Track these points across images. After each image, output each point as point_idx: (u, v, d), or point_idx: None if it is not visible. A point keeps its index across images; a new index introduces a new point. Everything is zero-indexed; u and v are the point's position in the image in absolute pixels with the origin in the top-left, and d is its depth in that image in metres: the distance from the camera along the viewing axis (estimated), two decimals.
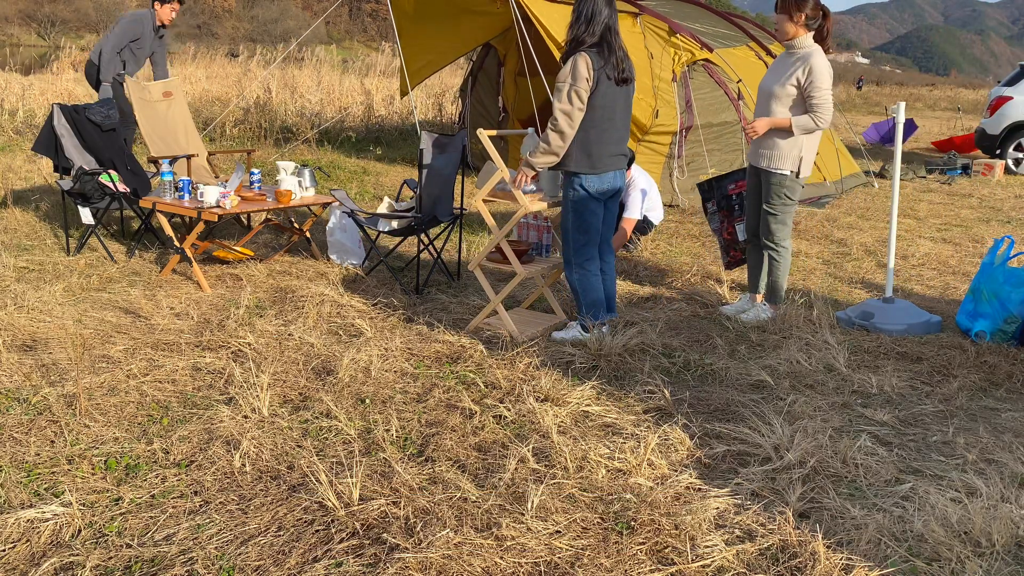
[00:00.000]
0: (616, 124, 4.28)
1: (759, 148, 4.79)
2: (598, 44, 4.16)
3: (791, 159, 4.69)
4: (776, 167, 4.72)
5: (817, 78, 4.54)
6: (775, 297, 5.01)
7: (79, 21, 70.71)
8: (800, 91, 4.61)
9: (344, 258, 5.99)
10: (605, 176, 4.31)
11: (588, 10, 4.16)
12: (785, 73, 4.66)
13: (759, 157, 4.79)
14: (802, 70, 4.58)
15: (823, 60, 4.58)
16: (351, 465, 3.07)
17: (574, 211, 4.35)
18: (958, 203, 9.72)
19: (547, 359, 4.21)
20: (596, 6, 4.15)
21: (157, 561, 2.48)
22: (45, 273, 5.41)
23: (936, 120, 24.03)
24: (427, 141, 5.22)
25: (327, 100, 14.77)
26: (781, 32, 4.69)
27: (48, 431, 3.27)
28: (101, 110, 6.25)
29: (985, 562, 2.56)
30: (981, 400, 3.93)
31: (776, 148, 4.70)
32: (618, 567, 2.51)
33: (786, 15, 4.63)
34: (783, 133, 4.68)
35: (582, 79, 4.11)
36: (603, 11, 4.16)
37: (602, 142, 4.24)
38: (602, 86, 4.17)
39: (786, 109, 4.66)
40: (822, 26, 4.68)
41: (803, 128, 4.61)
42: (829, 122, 4.62)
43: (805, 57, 4.60)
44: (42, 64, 20.82)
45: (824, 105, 4.57)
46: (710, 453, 3.27)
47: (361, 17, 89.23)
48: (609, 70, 4.17)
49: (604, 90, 4.18)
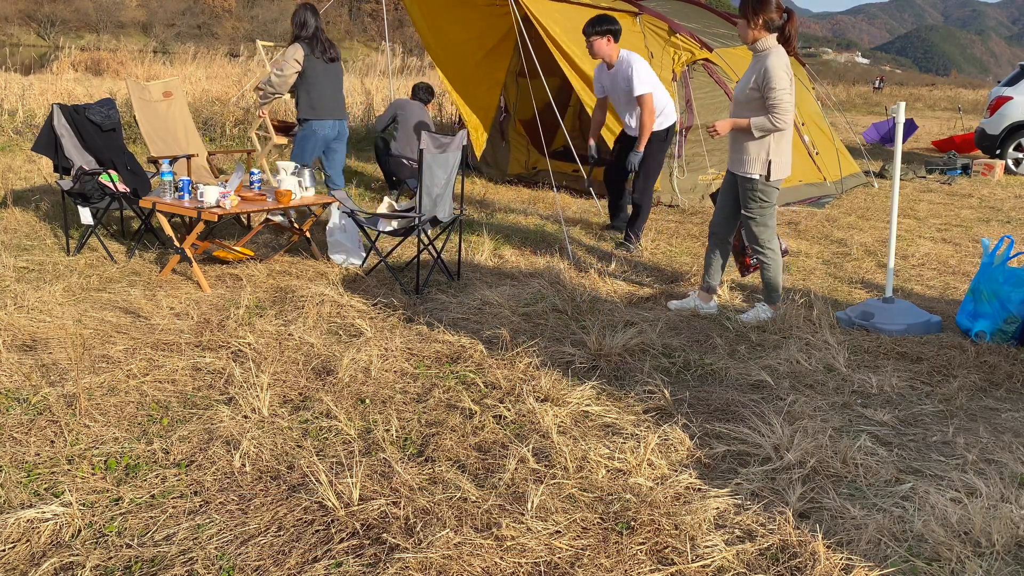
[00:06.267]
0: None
1: (732, 153, 4.82)
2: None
3: (759, 162, 4.68)
4: (746, 171, 4.73)
5: (772, 79, 4.52)
6: (773, 297, 5.02)
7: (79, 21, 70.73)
8: (759, 94, 4.60)
9: (344, 258, 5.99)
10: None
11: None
12: (748, 77, 4.67)
13: (732, 162, 4.83)
14: (759, 72, 4.57)
15: (779, 60, 4.56)
16: (351, 465, 3.07)
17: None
18: (958, 203, 9.72)
19: (547, 359, 4.21)
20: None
21: (157, 561, 2.48)
22: (45, 273, 5.41)
23: (936, 120, 24.03)
24: (427, 141, 5.22)
25: None
26: (742, 36, 4.68)
27: (48, 431, 3.27)
28: (101, 110, 6.25)
29: (985, 562, 2.56)
30: (981, 400, 3.93)
31: (745, 152, 4.71)
32: (618, 567, 2.51)
33: (747, 18, 4.61)
34: (749, 138, 4.68)
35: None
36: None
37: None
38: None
39: (749, 112, 4.66)
40: (786, 28, 4.65)
41: (761, 128, 4.60)
42: (788, 123, 4.60)
43: (764, 59, 4.59)
44: (42, 64, 20.82)
45: (780, 105, 4.54)
46: (710, 453, 3.27)
47: (361, 17, 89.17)
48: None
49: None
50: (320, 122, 6.52)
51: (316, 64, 6.42)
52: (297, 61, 6.35)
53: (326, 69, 6.50)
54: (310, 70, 6.40)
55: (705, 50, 8.71)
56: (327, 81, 6.50)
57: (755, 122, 4.61)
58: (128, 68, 19.17)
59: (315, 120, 6.51)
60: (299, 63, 6.35)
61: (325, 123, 6.54)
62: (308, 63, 6.39)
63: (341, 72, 6.69)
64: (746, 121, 4.64)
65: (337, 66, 6.62)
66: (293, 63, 6.35)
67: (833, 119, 17.11)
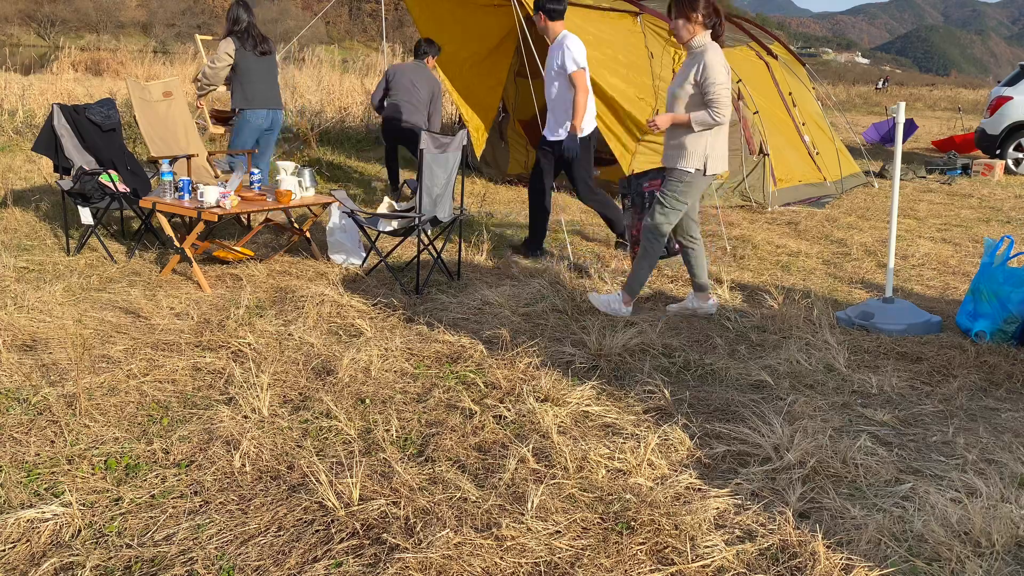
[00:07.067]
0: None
1: (668, 149, 4.80)
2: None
3: (697, 156, 4.68)
4: (683, 165, 4.71)
5: (711, 73, 4.52)
6: (632, 289, 4.93)
7: (79, 21, 70.73)
8: (698, 88, 4.60)
9: (344, 258, 5.99)
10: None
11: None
12: (684, 74, 4.65)
13: (668, 156, 4.80)
14: (697, 68, 4.57)
15: (716, 56, 4.56)
16: (351, 465, 3.07)
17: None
18: (958, 203, 9.72)
19: (547, 359, 4.21)
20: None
21: (157, 561, 2.48)
22: (45, 273, 5.41)
23: (936, 120, 24.03)
24: (427, 141, 5.22)
25: (327, 100, 14.76)
26: (678, 36, 4.66)
27: (48, 431, 3.27)
28: (101, 110, 6.25)
29: (985, 562, 2.56)
30: (981, 400, 3.93)
31: (683, 148, 4.70)
32: (618, 567, 2.51)
33: (683, 17, 4.60)
34: (687, 131, 4.67)
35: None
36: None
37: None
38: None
39: (686, 108, 4.66)
40: (717, 23, 4.64)
41: (701, 123, 4.59)
42: (727, 117, 4.59)
43: (700, 55, 4.58)
44: (42, 64, 20.81)
45: (719, 100, 4.54)
46: (710, 453, 3.27)
47: (361, 17, 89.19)
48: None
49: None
50: (253, 112, 6.85)
51: (248, 57, 6.74)
52: (228, 55, 6.68)
53: (258, 62, 6.82)
54: (242, 63, 6.72)
55: None
56: (259, 73, 6.83)
57: (696, 117, 4.59)
58: (128, 68, 19.17)
59: (248, 110, 6.84)
60: (230, 56, 6.69)
61: (258, 113, 6.87)
62: (240, 56, 6.71)
63: (274, 64, 7.00)
64: (686, 116, 4.61)
65: (270, 59, 6.92)
66: (224, 56, 6.68)
67: (833, 119, 17.12)
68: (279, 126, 7.12)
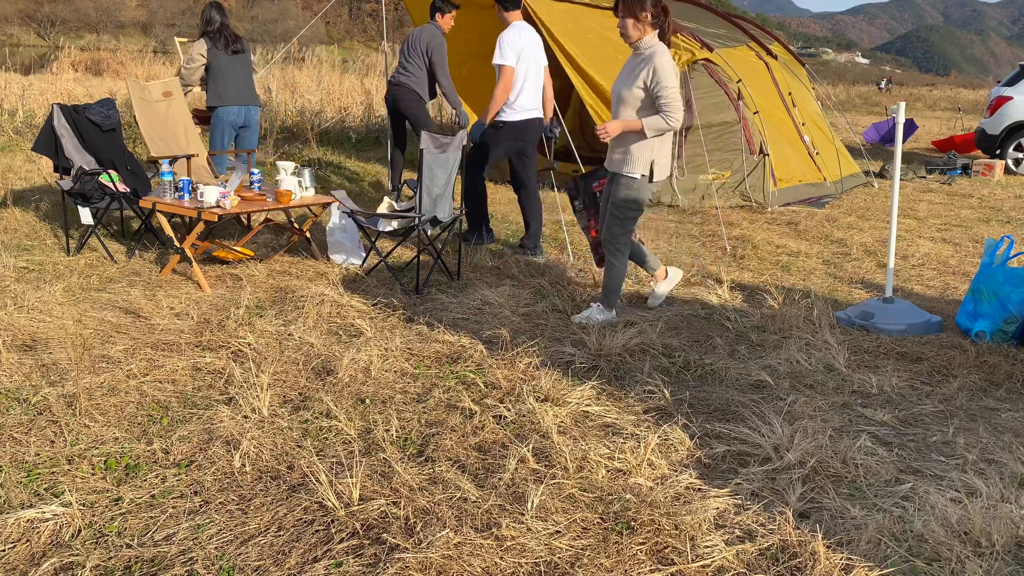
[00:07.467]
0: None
1: (613, 154, 4.70)
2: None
3: (643, 163, 4.60)
4: (629, 171, 4.63)
5: (663, 77, 4.43)
6: (610, 300, 4.88)
7: (79, 21, 70.76)
8: (648, 92, 4.51)
9: (344, 258, 5.99)
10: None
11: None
12: (632, 75, 4.55)
13: (613, 163, 4.71)
14: (648, 70, 4.47)
15: (667, 59, 4.48)
16: (351, 465, 3.07)
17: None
18: (958, 203, 9.72)
19: (547, 359, 4.21)
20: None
21: (157, 561, 2.48)
22: (45, 273, 5.41)
23: (936, 120, 24.04)
24: (427, 141, 5.22)
25: (327, 100, 14.76)
26: (626, 36, 4.57)
27: (48, 431, 3.27)
28: (101, 110, 6.25)
29: (985, 562, 2.56)
30: (981, 400, 3.93)
31: (629, 153, 4.61)
32: (618, 567, 2.51)
33: (632, 17, 4.51)
34: (635, 137, 4.58)
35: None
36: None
37: None
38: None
39: (635, 112, 4.56)
40: (664, 23, 4.57)
41: (655, 129, 4.50)
42: (680, 121, 4.50)
43: (650, 57, 4.49)
44: (42, 64, 20.81)
45: (672, 103, 4.45)
46: (710, 453, 3.27)
47: (361, 17, 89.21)
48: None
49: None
50: (226, 108, 7.05)
51: (220, 56, 6.97)
52: (201, 55, 6.93)
53: (230, 60, 7.04)
54: (215, 62, 6.95)
55: (705, 50, 8.71)
56: (231, 71, 7.05)
57: (649, 122, 4.49)
58: (128, 68, 19.18)
59: (221, 107, 7.05)
60: (203, 56, 6.94)
61: (231, 109, 7.06)
62: (212, 56, 6.94)
63: (248, 62, 7.17)
64: (638, 122, 4.51)
65: (243, 57, 7.11)
66: (197, 57, 6.94)
67: (833, 119, 17.12)
68: (256, 123, 7.32)
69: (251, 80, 7.23)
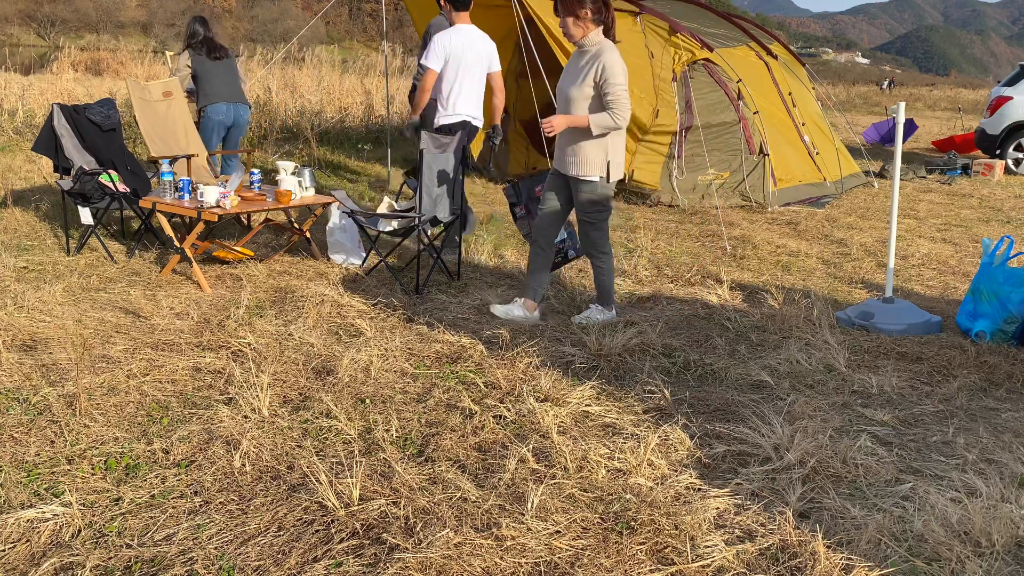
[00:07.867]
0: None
1: (566, 156, 4.62)
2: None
3: (598, 165, 4.54)
4: (584, 174, 4.56)
5: (611, 74, 4.38)
6: (606, 300, 4.86)
7: (79, 21, 70.78)
8: (597, 90, 4.46)
9: (344, 258, 5.99)
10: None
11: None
12: (580, 74, 4.50)
13: (567, 165, 4.62)
14: (597, 68, 4.42)
15: (615, 56, 4.43)
16: (351, 465, 3.07)
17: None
18: (958, 203, 9.72)
19: (547, 359, 4.21)
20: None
21: (157, 561, 2.48)
22: (45, 273, 5.41)
23: (936, 120, 24.04)
24: (427, 141, 5.22)
25: (327, 100, 14.76)
26: (569, 35, 4.50)
27: (48, 431, 3.27)
28: (101, 110, 6.25)
29: (985, 562, 2.56)
30: (981, 400, 3.93)
31: (582, 154, 4.54)
32: (618, 567, 2.51)
33: (571, 15, 4.45)
34: (587, 138, 4.51)
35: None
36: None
37: None
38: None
39: (585, 111, 4.50)
40: (607, 19, 4.51)
41: (601, 126, 4.43)
42: (628, 118, 4.45)
43: (597, 54, 4.44)
44: (42, 64, 20.81)
45: (620, 101, 4.40)
46: (710, 453, 3.27)
47: (361, 17, 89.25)
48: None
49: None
50: (214, 106, 7.30)
51: (204, 62, 7.33)
52: (187, 65, 7.37)
53: (215, 64, 7.37)
54: (199, 68, 7.32)
55: (705, 50, 8.72)
56: (217, 73, 7.37)
57: (595, 119, 4.42)
58: (128, 68, 19.17)
59: (209, 105, 7.31)
60: (189, 67, 7.37)
61: (218, 107, 7.30)
62: (196, 63, 7.32)
63: (233, 65, 7.52)
64: (585, 118, 4.44)
65: (228, 61, 7.47)
66: (183, 67, 7.42)
67: (833, 119, 17.12)
68: (244, 123, 7.57)
69: (237, 82, 7.49)
